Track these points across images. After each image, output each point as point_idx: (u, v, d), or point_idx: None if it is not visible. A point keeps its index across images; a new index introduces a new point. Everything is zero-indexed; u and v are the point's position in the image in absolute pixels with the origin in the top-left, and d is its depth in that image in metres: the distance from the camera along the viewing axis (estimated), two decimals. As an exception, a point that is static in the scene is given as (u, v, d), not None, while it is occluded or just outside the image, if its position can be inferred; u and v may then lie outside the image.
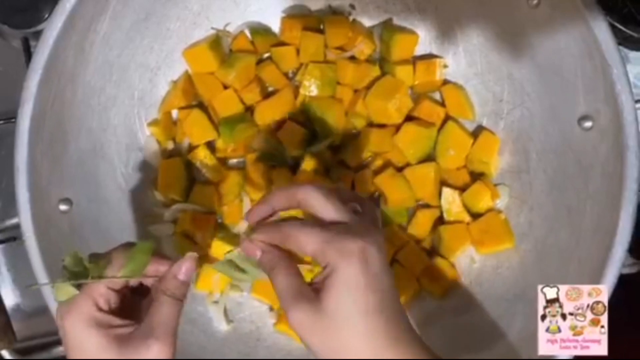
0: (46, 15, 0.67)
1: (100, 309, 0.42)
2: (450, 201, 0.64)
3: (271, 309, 0.65)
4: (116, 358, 0.41)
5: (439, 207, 0.65)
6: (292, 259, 0.44)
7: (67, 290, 0.43)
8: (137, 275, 0.44)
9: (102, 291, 0.43)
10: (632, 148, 0.52)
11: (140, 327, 0.42)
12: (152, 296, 0.44)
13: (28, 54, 0.67)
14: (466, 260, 0.64)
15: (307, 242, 0.42)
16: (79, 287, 0.43)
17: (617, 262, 0.52)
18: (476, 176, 0.65)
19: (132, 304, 0.45)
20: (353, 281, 0.40)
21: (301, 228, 0.42)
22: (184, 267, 0.44)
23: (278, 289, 0.42)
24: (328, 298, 0.40)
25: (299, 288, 0.41)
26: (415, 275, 0.64)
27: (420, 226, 0.64)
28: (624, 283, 0.54)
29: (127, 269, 0.43)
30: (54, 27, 0.54)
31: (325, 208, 0.43)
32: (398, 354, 0.40)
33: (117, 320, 0.43)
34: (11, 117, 0.56)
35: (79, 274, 0.42)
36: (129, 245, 0.45)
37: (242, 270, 0.47)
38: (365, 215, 0.45)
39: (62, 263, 0.43)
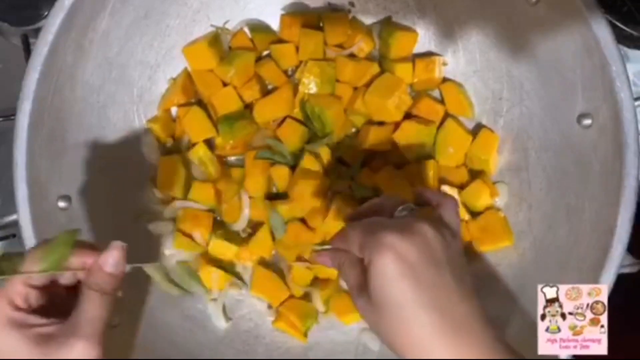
0: (46, 13, 0.67)
1: (17, 308, 0.40)
2: (450, 199, 0.64)
3: (269, 306, 0.65)
4: (37, 358, 0.38)
5: (438, 205, 0.64)
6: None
7: None
8: (57, 269, 0.40)
9: (18, 289, 0.40)
10: (631, 146, 0.52)
11: (63, 325, 0.40)
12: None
13: (28, 51, 0.67)
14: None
15: (353, 240, 0.44)
16: None
17: (615, 260, 0.52)
18: (475, 174, 0.65)
19: (68, 304, 0.42)
20: (384, 271, 0.41)
21: (351, 228, 0.45)
22: (111, 258, 0.42)
23: (347, 283, 0.45)
24: (371, 289, 0.41)
25: (362, 282, 0.43)
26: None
27: (419, 224, 0.64)
28: (624, 283, 0.54)
29: (45, 262, 0.40)
30: (53, 24, 0.54)
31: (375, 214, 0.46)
32: (447, 345, 0.40)
33: (36, 319, 0.40)
34: (10, 114, 0.56)
35: None
36: (50, 240, 0.42)
37: (172, 282, 0.46)
38: (418, 213, 0.46)
39: None
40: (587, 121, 0.55)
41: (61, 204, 0.57)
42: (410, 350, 0.41)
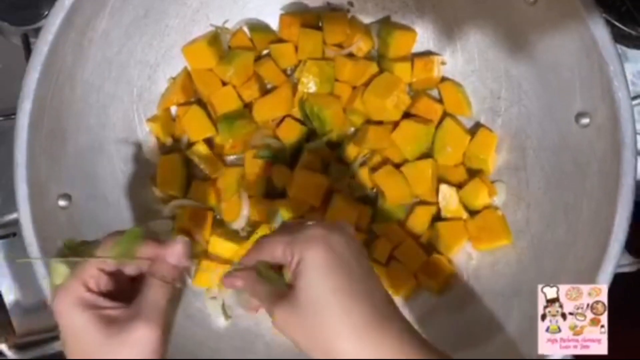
0: (46, 12, 0.67)
1: (89, 290, 0.42)
2: (448, 198, 0.64)
3: (269, 304, 0.65)
4: (102, 338, 0.40)
5: (437, 203, 0.65)
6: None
7: (62, 272, 0.43)
8: (127, 257, 0.43)
9: (92, 272, 0.42)
10: (628, 145, 0.52)
11: (127, 309, 0.42)
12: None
13: (28, 51, 0.67)
14: (463, 257, 0.64)
15: (275, 247, 0.43)
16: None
17: (613, 259, 0.52)
18: (473, 173, 0.65)
19: (131, 292, 0.44)
20: (318, 263, 0.41)
21: (269, 238, 0.45)
22: (175, 250, 0.44)
23: (260, 300, 0.44)
24: (300, 286, 0.41)
25: (278, 291, 0.43)
26: (412, 271, 0.64)
27: (418, 223, 0.64)
28: (623, 281, 0.54)
29: (116, 250, 0.43)
30: (52, 24, 0.54)
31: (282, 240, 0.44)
32: (376, 336, 0.40)
33: (105, 302, 0.42)
34: (11, 114, 0.57)
35: (73, 256, 0.43)
36: (121, 232, 0.45)
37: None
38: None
39: (58, 247, 0.44)
40: (585, 120, 0.55)
41: (61, 202, 0.57)
42: (333, 347, 0.40)
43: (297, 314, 0.41)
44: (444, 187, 0.64)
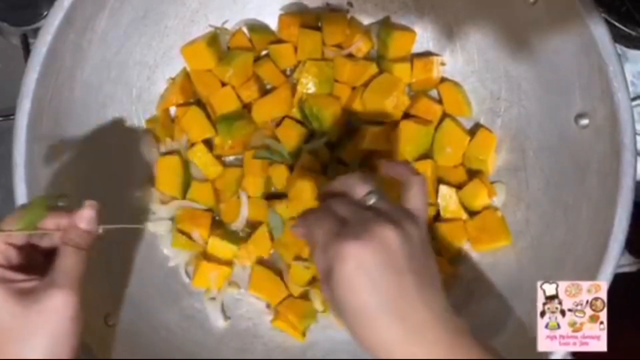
0: (45, 13, 0.67)
1: None
2: (447, 199, 0.64)
3: (268, 306, 0.66)
4: (18, 310, 0.41)
5: (436, 204, 0.65)
6: None
7: None
8: (32, 228, 0.44)
9: (0, 248, 0.43)
10: (628, 146, 0.52)
11: (43, 279, 0.43)
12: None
13: (27, 51, 0.67)
14: (463, 258, 0.64)
15: (316, 239, 0.44)
16: None
17: (612, 259, 0.52)
18: (473, 174, 0.65)
19: (46, 265, 0.45)
20: (347, 282, 0.41)
21: (314, 226, 0.44)
22: (85, 214, 0.45)
23: (317, 267, 0.44)
24: (334, 292, 0.41)
25: (328, 270, 0.43)
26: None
27: (417, 223, 0.64)
28: (623, 282, 0.54)
29: (22, 222, 0.44)
30: (51, 24, 0.54)
31: (338, 207, 0.45)
32: (405, 352, 0.40)
33: (15, 275, 0.43)
34: (10, 114, 0.57)
35: None
36: (26, 205, 0.46)
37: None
38: (379, 204, 0.45)
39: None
40: (585, 121, 0.55)
41: (60, 204, 0.57)
42: (372, 347, 0.41)
43: (336, 306, 0.42)
44: (443, 188, 0.64)
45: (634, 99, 0.55)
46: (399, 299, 0.41)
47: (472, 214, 0.64)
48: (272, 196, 0.66)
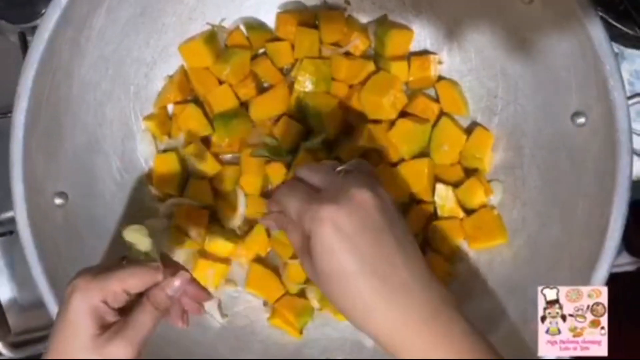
0: (43, 10, 0.67)
1: (105, 303, 0.44)
2: (444, 197, 0.64)
3: (265, 303, 0.66)
4: (90, 345, 0.43)
5: (433, 202, 0.65)
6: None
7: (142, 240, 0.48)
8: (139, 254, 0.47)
9: (116, 290, 0.45)
10: (624, 144, 0.52)
11: (117, 323, 0.44)
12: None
13: (25, 49, 0.67)
14: (459, 256, 0.64)
15: (290, 209, 0.46)
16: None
17: (608, 258, 0.53)
18: (470, 172, 0.65)
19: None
20: (326, 245, 0.42)
21: (286, 197, 0.47)
22: (175, 283, 0.46)
23: (293, 244, 0.47)
24: (313, 258, 0.43)
25: (304, 243, 0.44)
26: (408, 270, 0.64)
27: (414, 222, 0.64)
28: (622, 281, 0.54)
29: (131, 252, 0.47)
30: (49, 21, 0.54)
31: (311, 177, 0.47)
32: (387, 316, 0.41)
33: (113, 317, 0.45)
34: (7, 112, 0.57)
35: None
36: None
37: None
38: (351, 175, 0.46)
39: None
40: (581, 119, 0.55)
41: (57, 200, 0.57)
42: (352, 313, 0.42)
43: (316, 273, 0.43)
44: (440, 186, 0.64)
45: (630, 98, 0.55)
46: (379, 259, 0.42)
47: (469, 212, 0.64)
48: (270, 194, 0.66)
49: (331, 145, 0.66)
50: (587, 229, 0.55)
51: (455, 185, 0.64)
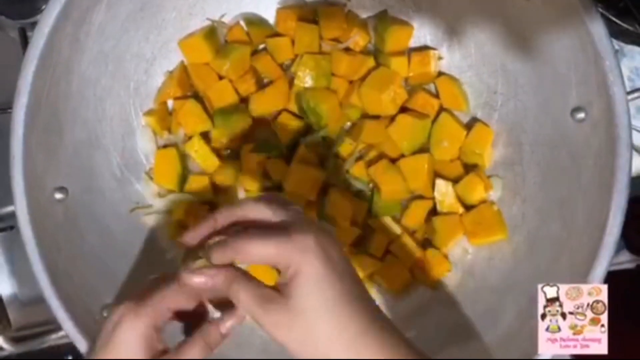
0: (43, 6, 0.67)
1: (155, 328, 0.44)
2: (444, 192, 0.64)
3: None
4: None
5: (433, 198, 0.65)
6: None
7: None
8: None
9: (165, 312, 0.44)
10: (623, 140, 0.52)
11: (167, 354, 0.44)
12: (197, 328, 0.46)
13: (25, 45, 0.67)
14: (459, 252, 0.64)
15: (260, 251, 0.41)
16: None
17: (607, 254, 0.53)
18: (469, 168, 0.65)
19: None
20: (320, 274, 0.40)
21: (250, 239, 0.41)
22: (230, 323, 0.46)
23: (243, 302, 0.41)
24: (298, 296, 0.40)
25: (266, 294, 0.41)
26: (408, 266, 0.64)
27: (414, 217, 0.65)
28: (622, 279, 0.54)
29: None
30: (49, 17, 0.54)
31: (266, 213, 0.43)
32: (369, 343, 0.40)
33: (160, 345, 0.45)
34: (7, 107, 0.57)
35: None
36: None
37: None
38: (298, 212, 0.45)
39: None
40: (581, 115, 0.55)
41: (58, 195, 0.57)
42: (329, 354, 0.40)
43: (291, 321, 0.40)
44: (440, 182, 0.64)
45: (629, 93, 0.54)
46: (358, 289, 0.42)
47: (468, 208, 0.64)
48: (269, 189, 0.66)
49: (331, 140, 0.66)
50: (586, 225, 0.55)
51: (455, 180, 0.64)
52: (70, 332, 0.54)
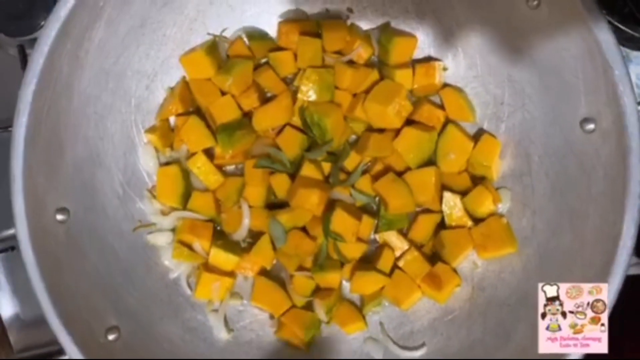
0: (42, 23, 0.67)
1: None
2: (452, 206, 0.63)
3: (271, 317, 0.65)
4: None
5: (440, 211, 0.64)
6: None
7: None
8: None
9: None
10: (635, 150, 0.52)
11: None
12: None
13: (24, 62, 0.66)
14: (469, 265, 0.64)
15: None
16: None
17: (621, 267, 0.52)
18: (477, 180, 0.64)
19: None
20: None
21: None
22: None
23: None
24: None
25: None
26: (417, 281, 0.63)
27: (422, 231, 0.64)
28: (627, 283, 0.53)
29: None
30: (48, 35, 0.53)
31: None
32: None
33: None
34: (7, 126, 0.56)
35: None
36: None
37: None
38: None
39: None
40: (590, 126, 0.55)
41: (59, 216, 0.57)
42: None
43: None
44: (447, 195, 0.63)
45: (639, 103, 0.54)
46: None
47: (477, 221, 0.63)
48: (274, 205, 0.65)
49: (336, 155, 0.65)
50: (598, 237, 0.54)
51: (463, 193, 0.63)
52: (73, 355, 0.53)
